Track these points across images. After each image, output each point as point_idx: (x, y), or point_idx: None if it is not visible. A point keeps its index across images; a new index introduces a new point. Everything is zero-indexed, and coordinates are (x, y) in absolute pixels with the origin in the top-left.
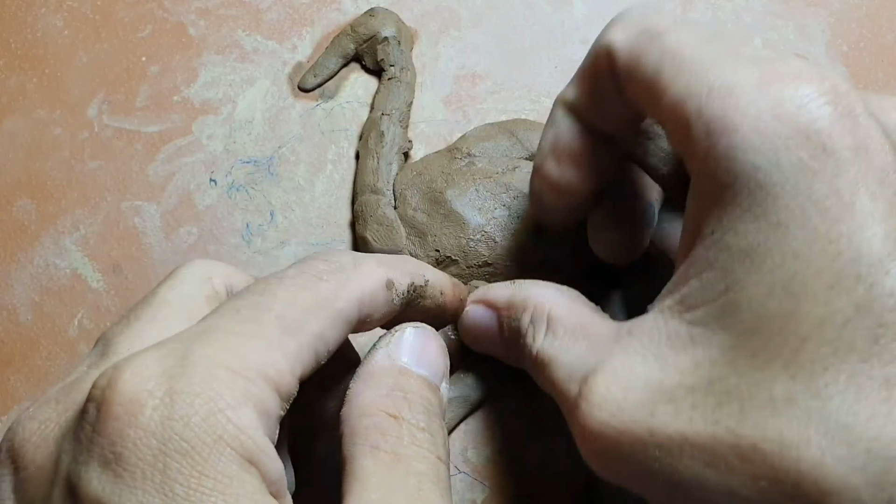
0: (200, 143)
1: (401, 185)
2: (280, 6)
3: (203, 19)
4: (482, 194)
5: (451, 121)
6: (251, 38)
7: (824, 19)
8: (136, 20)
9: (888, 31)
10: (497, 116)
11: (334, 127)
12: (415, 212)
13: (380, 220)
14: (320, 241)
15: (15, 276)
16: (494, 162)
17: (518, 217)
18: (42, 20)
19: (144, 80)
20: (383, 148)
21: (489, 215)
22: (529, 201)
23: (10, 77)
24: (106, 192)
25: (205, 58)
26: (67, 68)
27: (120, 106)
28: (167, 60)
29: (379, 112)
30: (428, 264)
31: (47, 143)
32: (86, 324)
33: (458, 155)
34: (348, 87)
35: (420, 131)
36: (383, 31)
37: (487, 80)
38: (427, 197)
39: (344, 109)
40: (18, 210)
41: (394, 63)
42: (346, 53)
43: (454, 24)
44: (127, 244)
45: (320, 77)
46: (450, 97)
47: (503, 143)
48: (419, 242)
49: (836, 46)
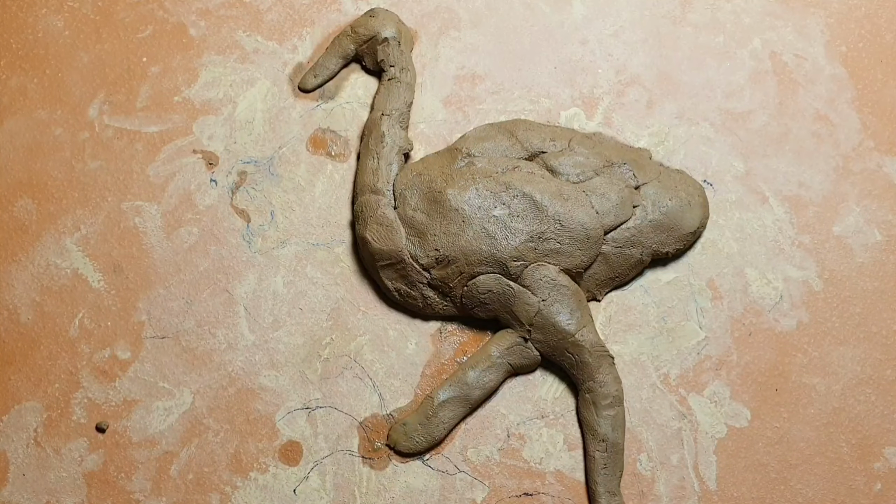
0: (201, 143)
1: (401, 185)
2: (280, 7)
3: (203, 20)
4: (482, 194)
5: (451, 121)
6: (252, 38)
7: (823, 20)
8: (137, 21)
9: (887, 32)
10: (497, 116)
11: (334, 127)
12: (415, 212)
13: (380, 220)
14: (320, 241)
15: (15, 275)
16: (494, 162)
17: (518, 216)
18: (43, 21)
19: (145, 80)
20: (383, 148)
21: (489, 215)
22: None
23: (11, 77)
24: (106, 192)
25: (205, 58)
26: (68, 69)
27: (120, 106)
28: (168, 61)
29: (379, 112)
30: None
31: (48, 144)
32: (86, 323)
33: (458, 155)
34: (348, 87)
35: (420, 131)
36: (383, 32)
37: (487, 80)
38: (427, 197)
39: (344, 110)
40: (19, 210)
41: (394, 64)
42: (347, 54)
43: (454, 24)
44: (127, 244)
45: (320, 77)
46: (450, 97)
47: (503, 143)
48: (419, 242)
49: (835, 47)
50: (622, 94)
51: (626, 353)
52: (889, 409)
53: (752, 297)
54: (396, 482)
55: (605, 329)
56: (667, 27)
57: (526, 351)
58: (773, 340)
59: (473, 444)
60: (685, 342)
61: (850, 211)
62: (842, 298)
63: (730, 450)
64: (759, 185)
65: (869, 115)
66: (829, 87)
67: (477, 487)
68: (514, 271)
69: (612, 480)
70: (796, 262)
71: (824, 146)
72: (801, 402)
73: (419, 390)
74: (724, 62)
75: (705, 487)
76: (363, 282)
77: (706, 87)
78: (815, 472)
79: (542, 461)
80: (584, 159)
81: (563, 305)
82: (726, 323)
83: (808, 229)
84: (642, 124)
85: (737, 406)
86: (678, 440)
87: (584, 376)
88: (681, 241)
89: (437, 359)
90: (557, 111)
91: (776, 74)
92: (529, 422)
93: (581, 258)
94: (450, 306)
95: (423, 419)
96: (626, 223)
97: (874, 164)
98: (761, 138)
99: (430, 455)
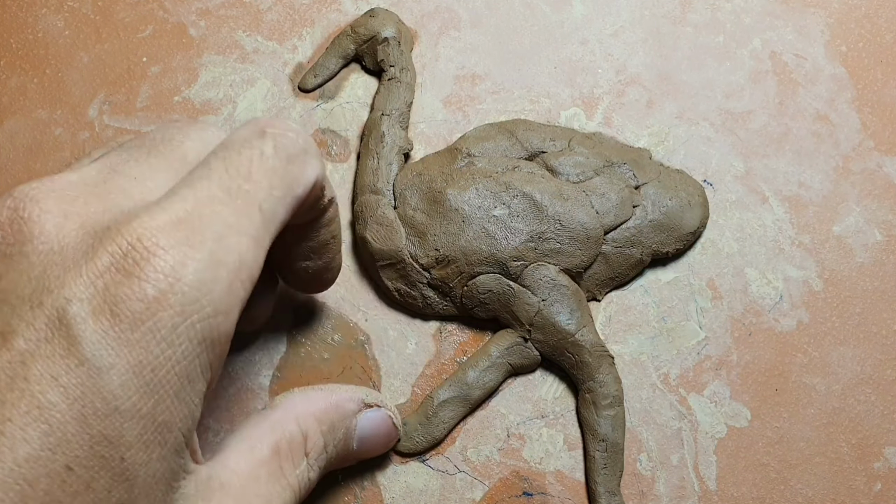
0: None
1: (401, 185)
2: (280, 7)
3: (203, 20)
4: (482, 194)
5: (451, 121)
6: (252, 38)
7: (823, 20)
8: (137, 20)
9: (887, 32)
10: (497, 116)
11: (334, 127)
12: (415, 212)
13: (380, 220)
14: None
15: None
16: (494, 162)
17: (518, 216)
18: (43, 20)
19: (145, 80)
20: (383, 148)
21: (489, 215)
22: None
23: (11, 77)
24: None
25: (205, 58)
26: (68, 68)
27: (121, 106)
28: (168, 61)
29: (379, 112)
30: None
31: (48, 144)
32: None
33: (458, 155)
34: (348, 87)
35: (420, 131)
36: (383, 32)
37: (487, 80)
38: (427, 197)
39: (344, 110)
40: None
41: (394, 63)
42: (347, 54)
43: (454, 24)
44: None
45: (320, 77)
46: (450, 97)
47: (503, 143)
48: (419, 242)
49: (835, 47)
50: (622, 94)
51: (626, 353)
52: (889, 409)
53: (752, 297)
54: (396, 482)
55: (605, 329)
56: (667, 27)
57: (526, 351)
58: (773, 340)
59: (473, 444)
60: (685, 342)
61: (850, 211)
62: (842, 298)
63: (730, 450)
64: (759, 185)
65: (869, 115)
66: (829, 87)
67: (477, 487)
68: (514, 271)
69: (612, 480)
70: (796, 262)
71: (824, 146)
72: (801, 402)
73: (419, 390)
74: (724, 62)
75: (705, 487)
76: (363, 282)
77: (706, 87)
78: (815, 472)
79: (542, 461)
80: (584, 159)
81: (563, 305)
82: (726, 323)
83: (808, 229)
84: (642, 124)
85: (737, 406)
86: (678, 440)
87: (584, 376)
88: (681, 241)
89: (437, 359)
90: (557, 111)
91: (776, 74)
92: (529, 422)
93: (581, 258)
94: (450, 306)
95: (422, 419)
96: (626, 223)
97: (874, 164)
98: (761, 138)
99: (430, 455)
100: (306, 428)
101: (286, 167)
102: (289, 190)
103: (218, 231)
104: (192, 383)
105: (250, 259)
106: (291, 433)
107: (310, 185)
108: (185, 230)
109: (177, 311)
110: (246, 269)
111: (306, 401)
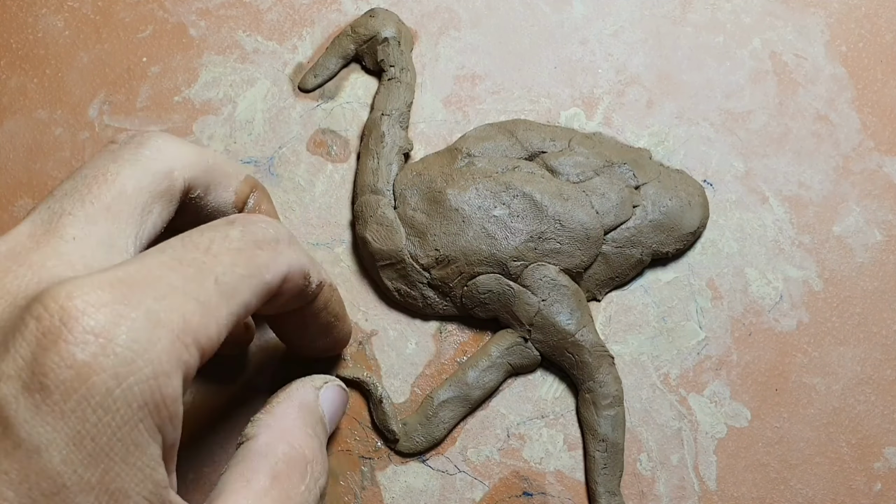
0: (201, 143)
1: (401, 185)
2: (280, 7)
3: (203, 20)
4: (482, 194)
5: (451, 121)
6: (251, 38)
7: (823, 20)
8: (137, 20)
9: (887, 31)
10: (497, 116)
11: (334, 127)
12: (415, 212)
13: (380, 220)
14: (320, 241)
15: None
16: (494, 162)
17: (518, 216)
18: (43, 20)
19: (145, 80)
20: (383, 148)
21: (489, 215)
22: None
23: (11, 77)
24: None
25: (205, 58)
26: (68, 68)
27: (121, 106)
28: (168, 61)
29: (379, 112)
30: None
31: (48, 144)
32: None
33: (458, 155)
34: (348, 87)
35: (420, 131)
36: (383, 32)
37: (487, 80)
38: (427, 197)
39: (344, 110)
40: (19, 210)
41: (394, 64)
42: (347, 54)
43: (454, 24)
44: None
45: (320, 77)
46: (450, 97)
47: (503, 143)
48: (419, 242)
49: (835, 47)
50: (622, 94)
51: (626, 353)
52: (889, 409)
53: (752, 297)
54: (396, 482)
55: (605, 329)
56: (667, 27)
57: (526, 351)
58: (773, 340)
59: (473, 444)
60: (685, 342)
61: (850, 211)
62: (842, 298)
63: (730, 450)
64: (759, 185)
65: (869, 115)
66: (829, 87)
67: (477, 487)
68: (514, 271)
69: (612, 480)
70: (796, 262)
71: (824, 146)
72: (801, 402)
73: (419, 390)
74: (724, 62)
75: (705, 487)
76: (363, 282)
77: (706, 87)
78: (815, 472)
79: (542, 461)
80: (584, 159)
81: (563, 305)
82: (726, 323)
83: (808, 229)
84: (642, 124)
85: (737, 406)
86: (678, 440)
87: (584, 376)
88: (681, 241)
89: (437, 359)
90: (557, 111)
91: (776, 74)
92: (529, 422)
93: (581, 258)
94: (450, 306)
95: (422, 419)
96: (626, 223)
97: (874, 164)
98: (761, 138)
99: (430, 455)
100: (300, 444)
101: (253, 251)
102: (256, 272)
103: (160, 291)
104: (139, 448)
105: (196, 323)
106: (285, 452)
107: (280, 273)
108: (120, 289)
109: (110, 374)
110: (191, 333)
111: (281, 417)
